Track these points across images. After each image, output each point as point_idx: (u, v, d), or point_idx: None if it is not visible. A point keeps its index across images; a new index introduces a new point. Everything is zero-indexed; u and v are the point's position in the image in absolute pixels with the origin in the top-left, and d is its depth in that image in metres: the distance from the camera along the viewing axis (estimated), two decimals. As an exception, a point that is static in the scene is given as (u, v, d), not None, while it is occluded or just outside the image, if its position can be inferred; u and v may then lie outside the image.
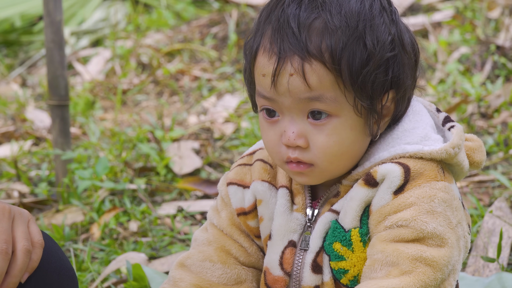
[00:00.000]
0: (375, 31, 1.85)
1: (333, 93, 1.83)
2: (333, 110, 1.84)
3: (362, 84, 1.83)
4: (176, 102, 5.34)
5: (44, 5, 3.78)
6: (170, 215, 3.52)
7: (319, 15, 1.83)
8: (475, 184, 3.67)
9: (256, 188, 2.02)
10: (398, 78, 1.88)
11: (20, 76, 6.11)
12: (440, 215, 1.84)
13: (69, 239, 3.38)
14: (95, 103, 5.37)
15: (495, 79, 4.85)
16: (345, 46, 1.82)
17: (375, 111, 1.87)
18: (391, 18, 1.89)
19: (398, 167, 1.85)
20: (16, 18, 6.43)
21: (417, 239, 1.82)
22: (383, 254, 1.82)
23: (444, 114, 2.00)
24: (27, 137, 4.85)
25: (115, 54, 5.98)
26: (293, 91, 1.83)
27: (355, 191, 1.89)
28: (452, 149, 1.88)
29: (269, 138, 1.90)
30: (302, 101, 1.84)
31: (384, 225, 1.85)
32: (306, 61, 1.82)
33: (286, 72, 1.83)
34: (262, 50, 1.88)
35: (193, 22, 6.48)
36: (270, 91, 1.86)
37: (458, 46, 5.28)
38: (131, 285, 2.88)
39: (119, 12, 6.70)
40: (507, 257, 2.92)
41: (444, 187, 1.87)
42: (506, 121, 4.29)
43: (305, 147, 1.86)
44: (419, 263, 1.80)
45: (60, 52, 3.79)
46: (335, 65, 1.81)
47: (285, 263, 1.98)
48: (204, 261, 2.05)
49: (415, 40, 1.94)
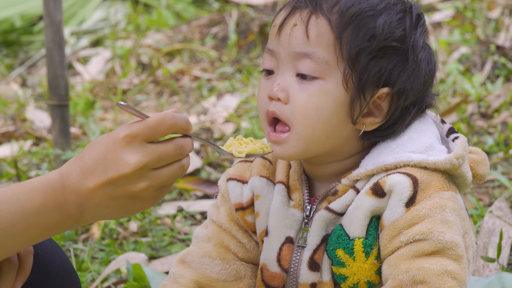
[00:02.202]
0: (389, 20, 1.89)
1: (326, 54, 1.87)
2: (321, 72, 1.87)
3: (357, 57, 1.86)
4: (176, 102, 5.34)
5: (44, 5, 3.78)
6: (170, 215, 3.52)
7: None
8: (475, 184, 3.67)
9: (254, 183, 2.04)
10: (397, 77, 1.89)
11: (20, 76, 6.11)
12: (453, 224, 1.86)
13: (69, 239, 3.38)
14: (95, 103, 5.37)
15: (495, 79, 4.85)
16: (356, 18, 1.87)
17: (362, 93, 1.88)
18: (413, 24, 1.92)
19: (406, 178, 1.86)
20: (16, 18, 6.43)
21: (437, 251, 1.83)
22: (409, 274, 1.82)
23: (449, 125, 2.01)
24: (27, 137, 4.85)
25: (115, 54, 5.98)
26: (291, 42, 1.88)
27: (362, 200, 1.89)
28: (456, 160, 1.89)
29: (260, 94, 1.94)
30: (296, 55, 1.88)
31: (400, 240, 1.85)
32: (314, 14, 1.87)
33: (293, 21, 1.89)
34: (285, 7, 1.94)
35: (193, 22, 6.48)
36: (274, 41, 1.91)
37: (458, 46, 5.28)
38: (131, 285, 2.88)
39: (119, 12, 6.70)
40: (507, 257, 2.92)
41: (451, 196, 1.88)
42: (506, 121, 4.29)
43: (285, 102, 1.88)
44: (447, 277, 1.81)
45: (60, 52, 3.79)
46: (339, 28, 1.86)
47: (282, 260, 1.99)
48: (203, 257, 2.06)
49: (434, 64, 1.96)
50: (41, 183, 1.71)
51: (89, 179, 1.71)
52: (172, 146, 1.74)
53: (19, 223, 1.69)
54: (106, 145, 1.71)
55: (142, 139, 1.71)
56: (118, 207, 1.73)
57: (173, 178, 1.75)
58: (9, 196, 1.69)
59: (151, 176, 1.72)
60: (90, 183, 1.71)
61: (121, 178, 1.70)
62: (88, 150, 1.73)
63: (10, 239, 1.69)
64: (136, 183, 1.71)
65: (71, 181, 1.71)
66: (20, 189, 1.70)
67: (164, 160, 1.73)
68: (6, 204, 1.68)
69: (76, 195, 1.71)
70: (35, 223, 1.70)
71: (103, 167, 1.70)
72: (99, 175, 1.70)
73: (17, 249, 1.74)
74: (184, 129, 1.76)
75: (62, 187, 1.71)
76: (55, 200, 1.70)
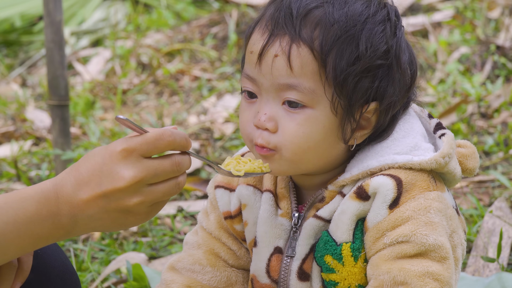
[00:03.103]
0: (371, 36, 1.83)
1: (312, 84, 1.82)
2: (308, 101, 1.83)
3: (344, 82, 1.82)
4: (176, 102, 5.34)
5: (44, 5, 3.78)
6: (170, 215, 3.52)
7: (321, 5, 1.84)
8: (475, 184, 3.67)
9: (240, 192, 2.01)
10: (384, 90, 1.86)
11: (20, 76, 6.11)
12: (438, 226, 1.82)
13: (69, 239, 3.38)
14: (95, 103, 5.37)
15: (495, 79, 4.85)
16: (337, 40, 1.81)
17: (351, 115, 1.84)
18: (393, 31, 1.87)
19: (390, 180, 1.83)
20: (16, 18, 6.43)
21: (420, 253, 1.81)
22: (390, 274, 1.80)
23: (436, 120, 1.97)
24: (27, 137, 4.85)
25: (115, 54, 5.98)
26: (274, 73, 1.82)
27: (347, 205, 1.86)
28: (442, 159, 1.86)
29: (244, 118, 1.89)
30: (280, 87, 1.83)
31: (383, 242, 1.83)
32: (295, 43, 1.81)
33: (273, 51, 1.82)
34: (258, 27, 1.87)
35: (193, 22, 6.48)
36: (254, 70, 1.85)
37: (458, 46, 5.28)
38: (131, 285, 2.88)
39: (119, 12, 6.70)
40: (507, 257, 2.92)
41: (437, 196, 1.85)
42: (506, 121, 4.29)
43: (273, 131, 1.84)
44: (428, 278, 1.79)
45: (60, 52, 3.79)
46: (322, 55, 1.81)
47: (272, 271, 1.97)
48: (193, 265, 2.05)
49: (415, 62, 1.92)
50: (34, 192, 1.70)
51: (83, 191, 1.69)
52: (169, 163, 1.72)
53: (11, 232, 1.67)
54: (102, 158, 1.70)
55: (139, 154, 1.69)
56: (110, 220, 1.72)
57: (168, 195, 1.74)
58: (1, 205, 1.68)
59: (145, 191, 1.70)
60: (84, 194, 1.69)
61: (115, 191, 1.69)
62: (84, 161, 1.71)
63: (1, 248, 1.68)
64: (130, 197, 1.70)
65: (65, 191, 1.70)
66: (13, 198, 1.69)
67: (160, 176, 1.71)
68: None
69: (69, 206, 1.70)
70: (27, 233, 1.69)
71: (98, 179, 1.69)
72: (93, 187, 1.69)
73: (8, 259, 1.72)
74: (182, 146, 1.74)
75: (56, 197, 1.70)
76: (48, 210, 1.69)
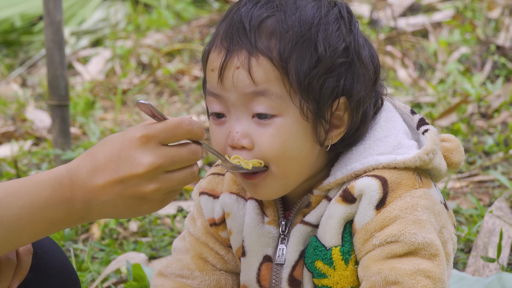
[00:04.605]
0: (328, 36, 1.82)
1: (278, 89, 1.79)
2: (277, 109, 1.80)
3: (309, 86, 1.80)
4: (176, 102, 5.34)
5: (44, 5, 3.78)
6: (170, 215, 3.52)
7: (272, 14, 1.82)
8: (475, 184, 3.67)
9: (224, 201, 2.00)
10: (351, 87, 1.83)
11: (20, 76, 6.11)
12: (426, 223, 1.81)
13: (69, 239, 3.38)
14: (95, 103, 5.37)
15: (495, 79, 4.85)
16: (295, 46, 1.80)
17: (322, 117, 1.82)
18: (348, 27, 1.86)
19: (375, 181, 1.82)
20: (16, 18, 6.43)
21: (410, 252, 1.79)
22: (381, 275, 1.78)
23: (419, 116, 1.95)
24: (27, 137, 4.85)
25: (115, 54, 5.98)
26: (238, 85, 1.80)
27: (333, 209, 1.85)
28: (426, 156, 1.85)
29: (216, 141, 1.86)
30: (247, 96, 1.80)
31: (372, 244, 1.81)
32: (253, 56, 1.79)
33: (233, 66, 1.80)
34: (214, 47, 1.85)
35: (193, 22, 6.48)
36: (217, 86, 1.83)
37: (458, 46, 5.28)
38: (131, 285, 2.88)
39: (119, 12, 6.70)
40: (507, 257, 2.92)
41: (423, 193, 1.84)
42: (506, 121, 4.29)
43: (250, 148, 1.82)
44: (419, 276, 1.77)
45: (60, 52, 3.79)
46: (282, 63, 1.79)
47: (262, 280, 1.96)
48: (182, 270, 2.04)
49: (376, 56, 1.90)
50: (48, 177, 1.70)
51: (99, 176, 1.70)
52: (186, 151, 1.73)
53: (25, 217, 1.68)
54: (120, 143, 1.70)
55: (158, 141, 1.70)
56: (125, 207, 1.73)
57: (183, 183, 1.74)
58: (16, 189, 1.68)
59: (162, 178, 1.71)
60: (99, 180, 1.70)
61: (132, 177, 1.69)
62: (101, 146, 1.72)
63: (16, 233, 1.68)
64: (146, 184, 1.70)
65: (79, 177, 1.70)
66: (27, 183, 1.69)
67: (177, 163, 1.72)
68: (13, 197, 1.67)
69: (83, 191, 1.70)
70: (41, 218, 1.69)
71: (115, 165, 1.69)
72: (110, 172, 1.69)
73: (21, 244, 1.73)
74: (199, 135, 1.74)
75: (70, 182, 1.70)
76: (62, 195, 1.69)
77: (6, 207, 1.66)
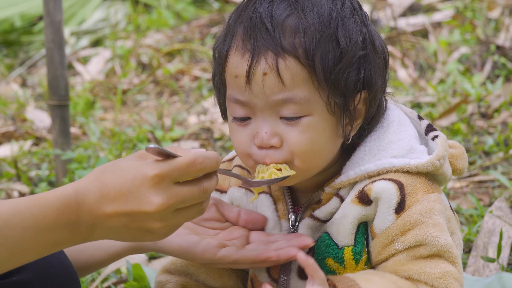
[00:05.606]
0: (347, 29, 1.84)
1: (306, 92, 1.81)
2: (305, 110, 1.82)
3: (336, 80, 1.82)
4: (176, 102, 5.34)
5: (44, 5, 3.78)
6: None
7: (292, 13, 1.83)
8: (475, 184, 3.67)
9: (232, 194, 2.02)
10: (370, 78, 1.86)
11: (20, 76, 6.11)
12: (444, 226, 1.85)
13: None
14: (95, 103, 5.37)
15: (495, 79, 4.85)
16: (319, 43, 1.81)
17: (348, 111, 1.85)
18: (361, 19, 1.88)
19: (391, 184, 1.85)
20: (16, 18, 6.43)
21: (434, 254, 1.83)
22: (411, 278, 1.83)
23: (426, 122, 1.98)
24: (27, 137, 4.85)
25: (115, 54, 5.98)
26: (267, 92, 1.81)
27: (348, 209, 1.87)
28: (438, 161, 1.88)
29: (240, 140, 1.87)
30: (275, 103, 1.81)
31: (395, 248, 1.84)
32: (280, 57, 1.80)
33: (261, 70, 1.80)
34: (234, 49, 1.85)
35: (193, 22, 6.48)
36: (245, 92, 1.83)
37: (458, 46, 5.28)
38: (131, 285, 2.88)
39: (119, 12, 6.70)
40: (507, 257, 2.92)
41: (437, 198, 1.87)
42: (506, 121, 4.29)
43: (278, 146, 1.83)
44: (449, 278, 1.81)
45: (60, 52, 3.79)
46: (309, 61, 1.80)
47: (272, 270, 1.97)
48: (187, 266, 2.06)
49: (384, 45, 1.93)
50: (56, 199, 1.69)
51: (107, 205, 1.69)
52: (197, 190, 1.72)
53: (30, 238, 1.68)
54: (132, 178, 1.69)
55: (171, 180, 1.69)
56: (129, 236, 1.74)
57: (190, 219, 1.75)
58: (22, 209, 1.68)
59: (170, 216, 1.71)
60: (107, 208, 1.69)
61: (140, 213, 1.70)
62: (112, 175, 1.70)
63: (18, 253, 1.68)
64: (154, 221, 1.71)
65: (87, 201, 1.70)
66: (34, 204, 1.68)
67: (187, 202, 1.72)
68: (18, 218, 1.67)
69: (90, 216, 1.70)
70: (45, 239, 1.69)
71: (125, 198, 1.69)
72: (118, 204, 1.69)
73: (22, 263, 1.72)
74: (213, 168, 1.74)
75: (77, 205, 1.69)
76: (68, 218, 1.69)
77: (11, 227, 1.66)
